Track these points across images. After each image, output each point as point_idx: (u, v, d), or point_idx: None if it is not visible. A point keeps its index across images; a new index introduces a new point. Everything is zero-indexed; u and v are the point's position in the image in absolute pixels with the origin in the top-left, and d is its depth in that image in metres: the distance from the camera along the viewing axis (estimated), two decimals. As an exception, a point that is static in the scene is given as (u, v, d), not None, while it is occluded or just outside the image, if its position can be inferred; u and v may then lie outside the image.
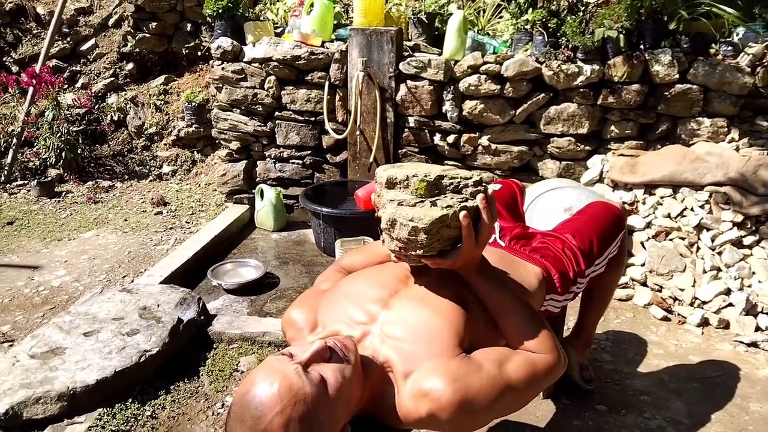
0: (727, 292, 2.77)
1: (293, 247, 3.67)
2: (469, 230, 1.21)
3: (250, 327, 2.51)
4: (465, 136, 3.59)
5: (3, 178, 4.53)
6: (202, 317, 2.52)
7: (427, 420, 1.13)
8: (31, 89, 4.53)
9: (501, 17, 3.77)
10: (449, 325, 1.23)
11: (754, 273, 2.78)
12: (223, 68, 3.84)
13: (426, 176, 1.24)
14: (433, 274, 1.40)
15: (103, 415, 1.98)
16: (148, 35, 5.03)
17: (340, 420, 1.08)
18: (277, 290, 3.10)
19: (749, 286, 2.77)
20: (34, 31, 5.22)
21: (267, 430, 0.97)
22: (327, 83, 3.71)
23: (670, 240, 2.97)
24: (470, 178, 1.27)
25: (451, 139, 3.62)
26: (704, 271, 2.84)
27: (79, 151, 4.66)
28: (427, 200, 1.23)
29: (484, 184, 1.28)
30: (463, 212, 1.21)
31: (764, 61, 3.07)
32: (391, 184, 1.27)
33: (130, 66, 5.12)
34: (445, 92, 3.54)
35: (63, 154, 4.55)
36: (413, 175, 1.25)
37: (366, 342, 1.23)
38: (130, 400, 2.06)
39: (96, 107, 4.98)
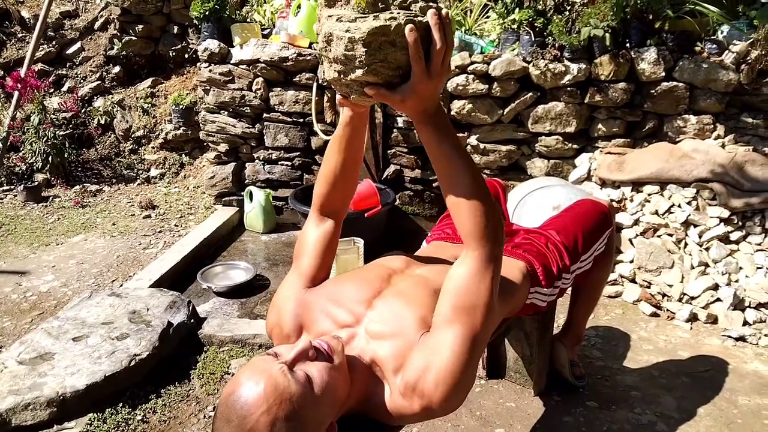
0: (715, 287, 2.79)
1: (283, 249, 3.66)
2: (416, 50, 1.01)
3: (240, 329, 2.50)
4: (453, 136, 3.59)
5: (-11, 183, 4.49)
6: (192, 320, 2.51)
7: (421, 414, 1.14)
8: (16, 93, 4.49)
9: (488, 17, 3.78)
10: (415, 311, 1.22)
11: (741, 268, 2.81)
12: (210, 70, 3.83)
13: None
14: (415, 271, 1.40)
15: (93, 420, 1.97)
16: (134, 38, 5.01)
17: (326, 419, 1.08)
18: (267, 292, 3.09)
19: (736, 281, 2.79)
20: (19, 35, 5.17)
21: (253, 429, 0.97)
22: (315, 84, 3.70)
23: (658, 237, 2.99)
24: None
25: (439, 138, 3.62)
26: (692, 267, 2.86)
27: (66, 156, 4.63)
28: (370, 15, 1.04)
29: (437, 2, 1.10)
30: (410, 26, 1.01)
31: (748, 58, 3.10)
32: (331, 2, 1.12)
33: (117, 69, 5.10)
34: (433, 92, 3.53)
35: (50, 158, 4.52)
36: None
37: (353, 343, 1.23)
38: (120, 405, 2.05)
39: (83, 111, 4.95)
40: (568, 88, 3.33)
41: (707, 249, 2.89)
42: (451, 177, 1.15)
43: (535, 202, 2.99)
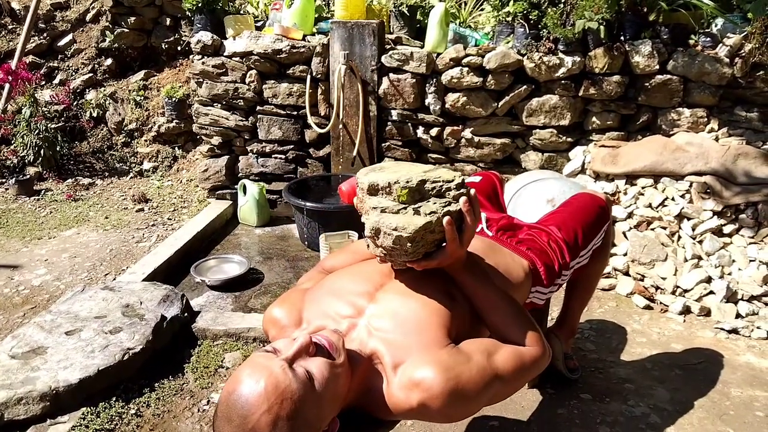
0: (708, 280, 2.80)
1: (277, 243, 3.65)
2: (453, 234, 1.22)
3: (234, 323, 2.49)
4: (448, 129, 3.59)
5: (-20, 176, 4.45)
6: (186, 314, 2.50)
7: (418, 410, 1.13)
8: (7, 86, 4.46)
9: (482, 9, 3.77)
10: (437, 316, 1.23)
11: (734, 261, 2.82)
12: (203, 63, 3.81)
13: (408, 182, 1.24)
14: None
15: (86, 415, 1.96)
16: (126, 30, 4.96)
17: (328, 415, 1.07)
18: (261, 286, 3.08)
19: (729, 274, 2.81)
20: (9, 27, 5.12)
21: (254, 428, 0.96)
22: (309, 77, 3.68)
23: (652, 229, 3.00)
24: (452, 180, 1.27)
25: (434, 132, 3.62)
26: (685, 260, 2.87)
27: (57, 149, 4.60)
28: (410, 207, 1.23)
29: (466, 187, 1.28)
30: (447, 218, 1.22)
31: (742, 51, 3.10)
32: (373, 191, 1.27)
33: (109, 61, 5.06)
34: (427, 85, 3.53)
35: (41, 151, 4.48)
36: (395, 182, 1.25)
37: (353, 335, 1.22)
38: (114, 399, 2.04)
39: (74, 104, 4.91)
40: (563, 81, 3.32)
41: (700, 242, 2.90)
42: (490, 308, 1.31)
43: (530, 195, 2.99)
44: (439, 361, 1.12)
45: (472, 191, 1.28)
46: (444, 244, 1.26)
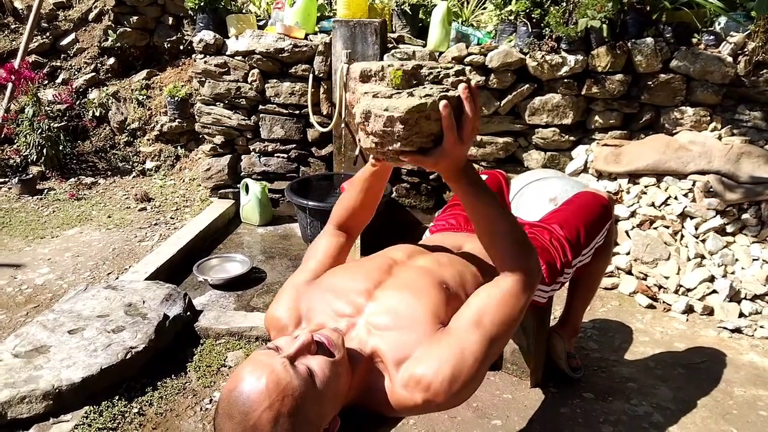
0: (711, 279, 2.80)
1: (279, 242, 3.65)
2: (450, 122, 1.10)
3: (236, 322, 2.49)
4: (450, 128, 3.58)
5: (-17, 175, 4.46)
6: (189, 313, 2.50)
7: (423, 406, 1.13)
8: (10, 85, 4.45)
9: (485, 8, 3.77)
10: (427, 305, 1.22)
11: (737, 260, 2.82)
12: (205, 62, 3.81)
13: (402, 66, 1.16)
14: (415, 264, 1.39)
15: (89, 413, 1.96)
16: (129, 29, 4.96)
17: (329, 412, 1.07)
18: (263, 285, 3.08)
19: (732, 273, 2.80)
20: (12, 26, 5.12)
21: (256, 425, 0.96)
22: (311, 76, 3.68)
23: (655, 228, 2.99)
24: (451, 68, 1.18)
25: (436, 130, 3.62)
26: (688, 259, 2.86)
27: (60, 148, 4.60)
28: (405, 91, 1.13)
29: (466, 75, 1.18)
30: (444, 101, 1.10)
31: (745, 50, 3.09)
32: (365, 77, 1.18)
33: (112, 61, 5.06)
34: (429, 84, 3.52)
35: (44, 150, 4.49)
36: (389, 65, 1.16)
37: (352, 334, 1.22)
38: (116, 398, 2.04)
39: (77, 103, 4.91)
40: (565, 80, 3.32)
41: (703, 241, 2.89)
42: (487, 223, 1.23)
43: (532, 194, 2.99)
44: (439, 356, 1.12)
45: (473, 81, 1.20)
46: (441, 141, 1.14)
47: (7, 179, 4.49)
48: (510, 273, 1.22)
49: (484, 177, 2.07)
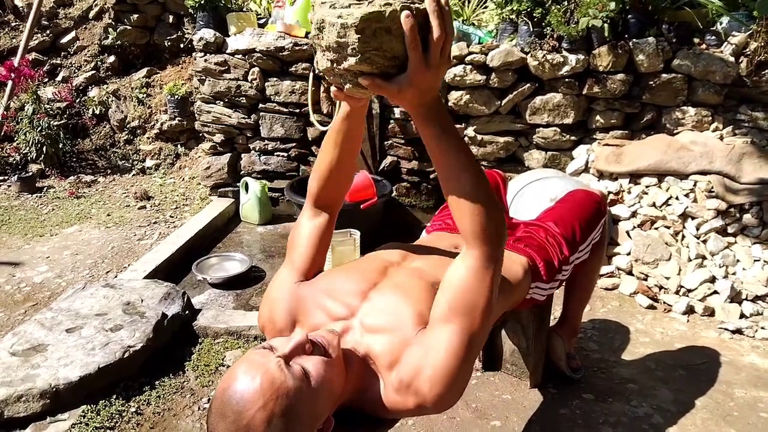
0: (712, 279, 2.78)
1: (279, 241, 3.64)
2: (414, 37, 0.95)
3: (235, 321, 2.48)
4: (451, 127, 3.57)
5: (-18, 173, 4.46)
6: (187, 312, 2.49)
7: (416, 410, 1.13)
8: (10, 83, 4.45)
9: (486, 7, 3.75)
10: (412, 305, 1.20)
11: (738, 261, 2.80)
12: (205, 60, 3.80)
13: None
14: (412, 264, 1.38)
15: (86, 412, 1.95)
16: (129, 27, 4.96)
17: (323, 413, 1.06)
18: (262, 284, 3.08)
19: (734, 274, 2.79)
20: (12, 24, 5.12)
21: (249, 425, 0.95)
22: (311, 74, 3.67)
23: (656, 229, 2.98)
24: None
25: (436, 130, 3.61)
26: (689, 260, 2.85)
27: (60, 146, 4.59)
28: (365, 1, 0.98)
29: None
30: (406, 12, 0.96)
31: (747, 50, 3.08)
32: None
33: (112, 59, 5.05)
34: (430, 83, 3.51)
35: (44, 148, 4.48)
36: None
37: (347, 336, 1.21)
38: (114, 397, 2.04)
39: (77, 101, 4.90)
40: (566, 79, 3.31)
41: (704, 241, 2.88)
42: (451, 174, 1.10)
43: (533, 193, 2.98)
44: (420, 359, 1.11)
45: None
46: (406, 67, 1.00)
47: (6, 177, 4.48)
48: (472, 244, 1.13)
49: None
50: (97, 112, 4.88)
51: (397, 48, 0.98)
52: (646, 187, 3.08)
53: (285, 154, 3.96)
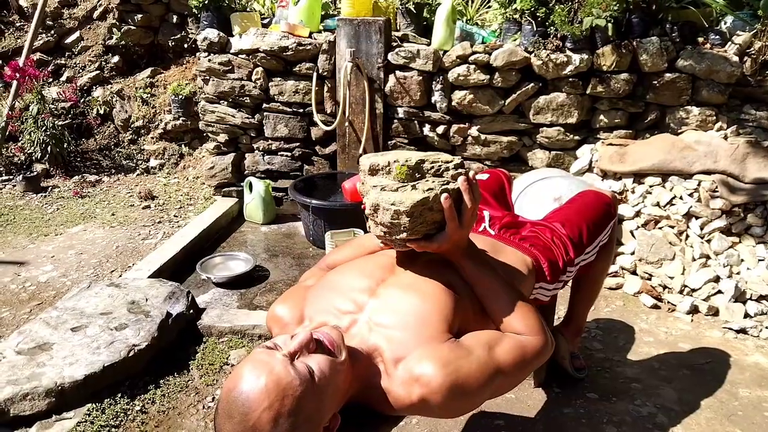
0: (716, 279, 2.78)
1: (283, 240, 3.65)
2: (451, 212, 1.22)
3: (239, 320, 2.49)
4: (454, 127, 3.58)
5: (-13, 173, 4.47)
6: (192, 311, 2.50)
7: (419, 405, 1.12)
8: (15, 83, 4.46)
9: (489, 7, 3.76)
10: (438, 310, 1.22)
11: (742, 260, 2.80)
12: (209, 60, 3.81)
13: (407, 161, 1.27)
14: (419, 262, 1.39)
15: (91, 411, 1.96)
16: (133, 27, 4.97)
17: (329, 410, 1.07)
18: (266, 283, 3.08)
19: (738, 273, 2.78)
20: (17, 24, 5.14)
21: (256, 425, 0.96)
22: (315, 74, 3.68)
23: (660, 228, 2.98)
24: (451, 161, 1.29)
25: (440, 129, 3.61)
26: (693, 259, 2.85)
27: (65, 146, 4.61)
28: (409, 184, 1.25)
29: (465, 168, 1.30)
30: (444, 194, 1.23)
31: (752, 49, 3.08)
32: (373, 171, 1.30)
33: (116, 59, 5.06)
34: (434, 82, 3.52)
35: (48, 148, 4.49)
36: (394, 161, 1.27)
37: (353, 330, 1.22)
38: (119, 395, 2.04)
39: (81, 101, 4.92)
40: (570, 79, 3.31)
41: (709, 241, 2.88)
42: (491, 293, 1.30)
43: (537, 193, 2.98)
44: (439, 356, 1.12)
45: (471, 172, 1.29)
46: (444, 227, 1.26)
47: (11, 177, 4.50)
48: (515, 329, 1.28)
49: (485, 176, 2.06)
50: (102, 112, 4.89)
51: (437, 217, 1.26)
52: (650, 186, 3.08)
53: (289, 154, 3.97)
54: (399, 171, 1.26)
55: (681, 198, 2.97)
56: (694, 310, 2.74)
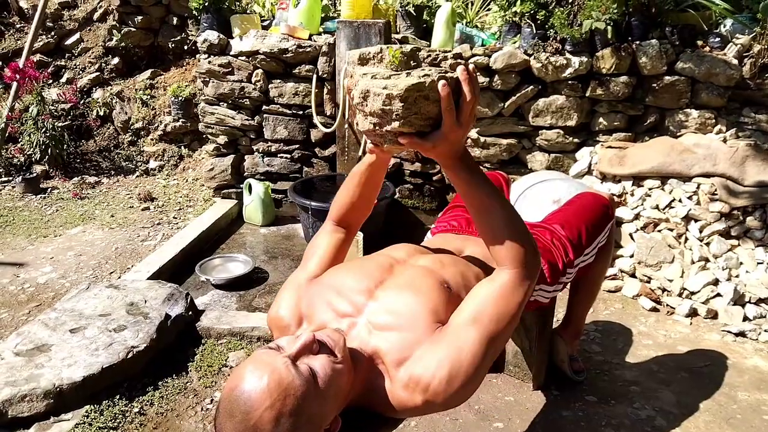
0: (715, 282, 2.78)
1: (282, 242, 3.65)
2: (449, 102, 1.09)
3: (238, 322, 2.49)
4: (454, 129, 3.58)
5: (-13, 174, 4.47)
6: (190, 313, 2.50)
7: (423, 407, 1.13)
8: (14, 84, 4.46)
9: (489, 9, 3.76)
10: (426, 302, 1.21)
11: (741, 263, 2.80)
12: (209, 62, 3.81)
13: (401, 47, 1.17)
14: (418, 262, 1.39)
15: (90, 412, 1.96)
16: (133, 29, 4.97)
17: (330, 412, 1.07)
18: (266, 285, 3.08)
19: (737, 277, 2.78)
20: (17, 26, 5.14)
21: (257, 425, 0.96)
22: (315, 76, 3.68)
23: (659, 231, 2.98)
24: (449, 52, 1.20)
25: (440, 132, 3.61)
26: (692, 262, 2.85)
27: (64, 147, 4.61)
28: (403, 72, 1.14)
29: (464, 59, 1.19)
30: (442, 81, 1.10)
31: (751, 52, 3.08)
32: (363, 61, 1.19)
33: (116, 60, 5.07)
34: (433, 85, 3.52)
35: (48, 149, 4.50)
36: (387, 47, 1.17)
37: (353, 333, 1.22)
38: (117, 397, 2.04)
39: (81, 102, 4.92)
40: (570, 82, 3.31)
41: (708, 244, 2.88)
42: (483, 211, 1.21)
43: (536, 195, 2.97)
44: (437, 355, 1.12)
45: (471, 65, 1.18)
46: (440, 126, 1.13)
47: (11, 178, 4.50)
48: (508, 265, 1.20)
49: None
50: (101, 113, 4.90)
51: (432, 110, 1.12)
52: (649, 189, 3.08)
53: (288, 156, 3.97)
54: (393, 56, 1.15)
55: (680, 201, 2.97)
56: (693, 313, 2.74)
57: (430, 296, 1.24)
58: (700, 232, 2.89)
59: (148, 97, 4.90)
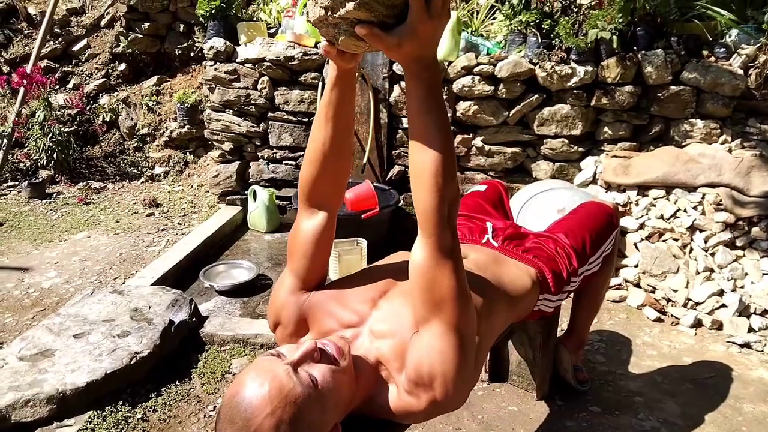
0: (720, 293, 2.77)
1: (286, 249, 3.64)
2: None
3: (242, 329, 2.49)
4: (459, 137, 3.58)
5: (-7, 179, 4.50)
6: (194, 319, 2.50)
7: (430, 409, 1.13)
8: (22, 90, 4.49)
9: (494, 18, 3.77)
10: (411, 309, 1.19)
11: (746, 274, 2.79)
12: (215, 69, 3.83)
13: None
14: None
15: (93, 418, 1.96)
16: (140, 36, 5.01)
17: (330, 420, 1.07)
18: (269, 292, 3.08)
19: (742, 287, 2.77)
20: (26, 32, 5.18)
21: (257, 431, 0.96)
22: (320, 84, 3.69)
23: (664, 241, 2.97)
24: None
25: (444, 140, 3.61)
26: (697, 273, 2.84)
27: (70, 152, 4.63)
28: None
29: None
30: None
31: (756, 62, 3.08)
32: None
33: (123, 67, 5.10)
34: (438, 93, 3.52)
35: (54, 155, 4.52)
36: None
37: (357, 343, 1.22)
38: (120, 403, 2.04)
39: (88, 108, 4.95)
40: (575, 91, 3.31)
41: (713, 254, 2.87)
42: (422, 142, 1.04)
43: (540, 205, 2.98)
44: (437, 357, 1.10)
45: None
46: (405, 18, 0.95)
47: (17, 183, 4.52)
48: (428, 228, 1.07)
49: (483, 187, 2.07)
50: (108, 119, 4.92)
51: (398, 1, 0.93)
52: (654, 199, 3.07)
53: (293, 163, 3.98)
54: None
55: (685, 211, 2.97)
56: (697, 323, 2.73)
57: None
58: (705, 242, 2.88)
59: (154, 103, 4.92)
